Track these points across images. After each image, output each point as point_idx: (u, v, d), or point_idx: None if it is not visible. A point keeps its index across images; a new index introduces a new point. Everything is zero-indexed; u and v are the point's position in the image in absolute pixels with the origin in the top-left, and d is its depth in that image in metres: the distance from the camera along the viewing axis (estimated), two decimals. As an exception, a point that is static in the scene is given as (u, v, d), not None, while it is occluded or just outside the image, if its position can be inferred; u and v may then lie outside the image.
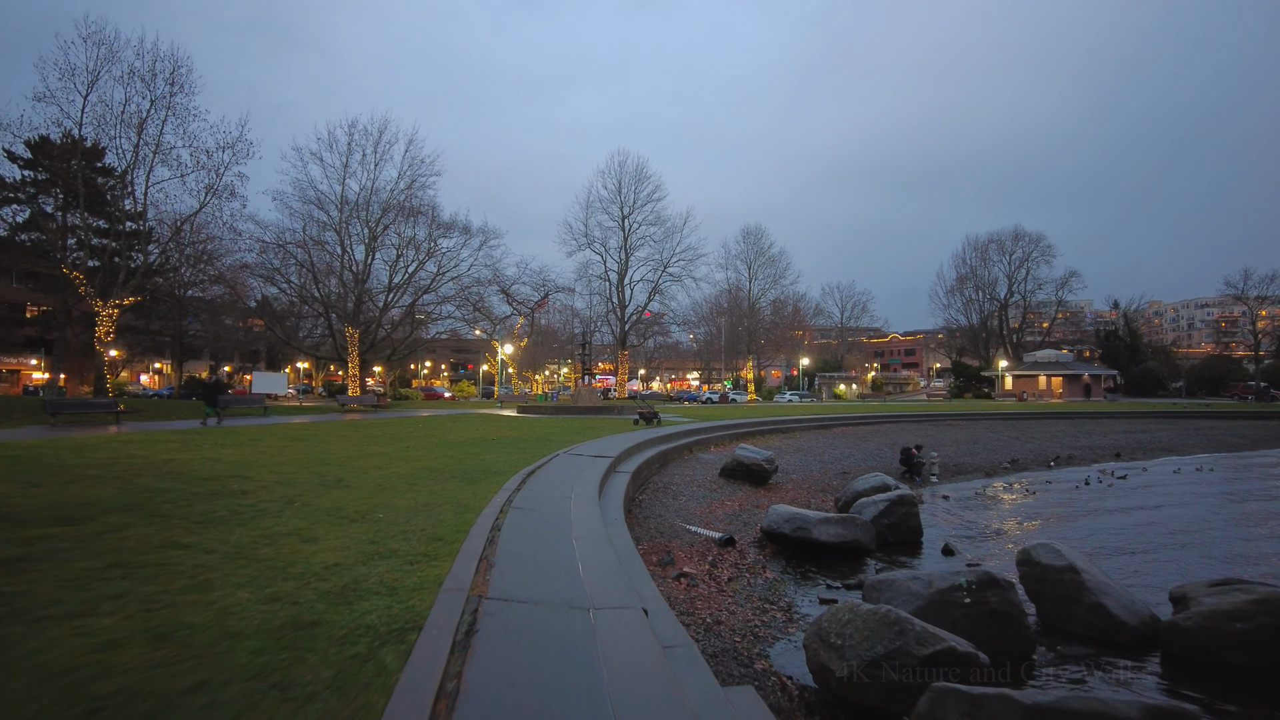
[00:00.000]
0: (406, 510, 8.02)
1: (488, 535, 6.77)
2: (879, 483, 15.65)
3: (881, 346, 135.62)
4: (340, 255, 42.12)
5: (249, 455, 12.99)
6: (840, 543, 12.01)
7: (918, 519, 13.59)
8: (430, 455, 14.17)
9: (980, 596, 7.61)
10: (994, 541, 13.66)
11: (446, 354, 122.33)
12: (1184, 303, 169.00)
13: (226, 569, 5.25)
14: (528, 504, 8.86)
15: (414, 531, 6.90)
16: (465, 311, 49.17)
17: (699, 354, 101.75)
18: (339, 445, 15.70)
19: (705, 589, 9.67)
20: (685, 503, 15.27)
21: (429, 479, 10.69)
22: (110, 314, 24.92)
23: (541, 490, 10.12)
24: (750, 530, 13.62)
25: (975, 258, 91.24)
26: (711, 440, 24.87)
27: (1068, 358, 77.77)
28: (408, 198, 42.93)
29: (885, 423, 38.56)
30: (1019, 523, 15.52)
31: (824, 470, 21.92)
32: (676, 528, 12.86)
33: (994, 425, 39.67)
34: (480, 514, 7.88)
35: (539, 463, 13.33)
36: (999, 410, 49.52)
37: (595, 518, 8.45)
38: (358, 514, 7.69)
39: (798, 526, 12.07)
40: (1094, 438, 35.12)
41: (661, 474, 18.03)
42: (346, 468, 11.71)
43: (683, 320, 78.88)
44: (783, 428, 31.91)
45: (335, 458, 13.09)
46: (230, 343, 68.79)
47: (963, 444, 30.24)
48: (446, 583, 5.05)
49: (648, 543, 11.64)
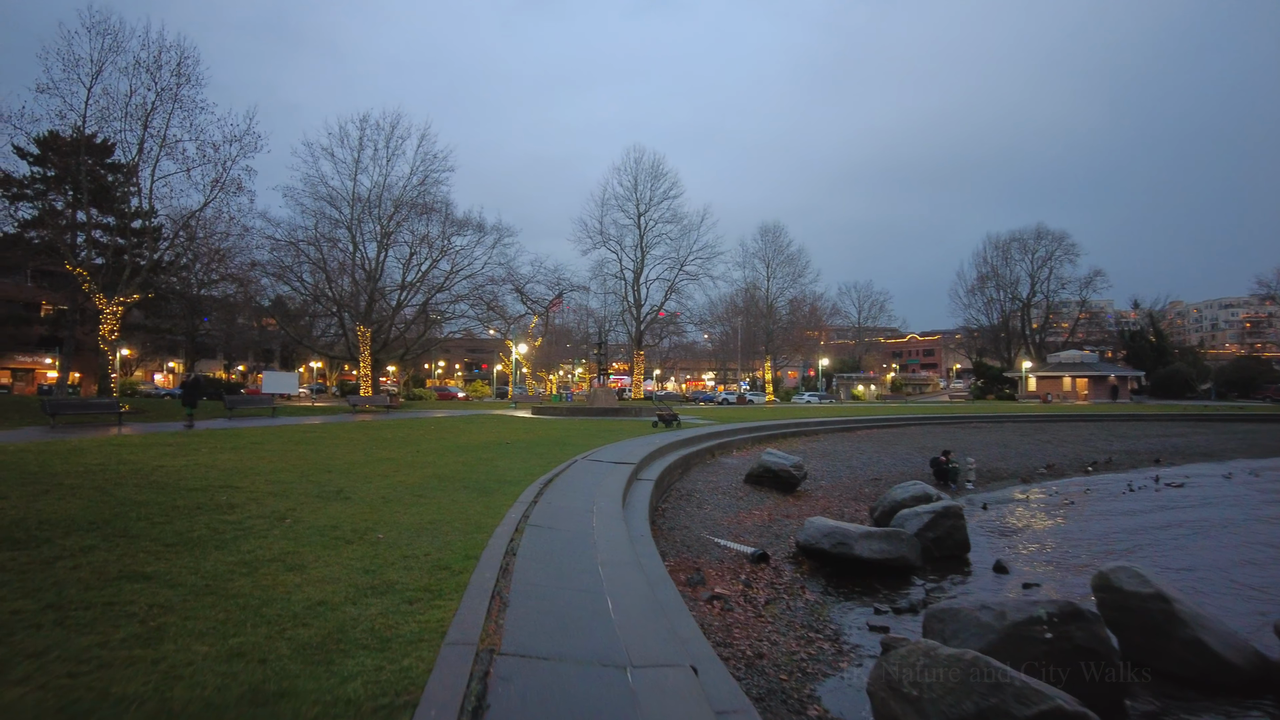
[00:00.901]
0: (410, 529, 7.12)
1: (501, 562, 5.86)
2: (919, 492, 14.63)
3: (899, 347, 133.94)
4: (352, 253, 41.44)
5: (247, 461, 12.16)
6: (884, 560, 11.04)
7: (964, 533, 12.58)
8: (440, 461, 13.29)
9: (1063, 631, 6.63)
10: (1048, 557, 12.62)
11: (461, 354, 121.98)
12: (1208, 303, 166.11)
13: (188, 610, 4.36)
14: (546, 520, 7.95)
15: (417, 557, 5.99)
16: (479, 310, 48.43)
17: (714, 354, 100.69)
18: (345, 449, 14.86)
19: (741, 614, 8.74)
20: (710, 512, 14.34)
21: (438, 490, 9.81)
22: (115, 311, 24.28)
23: (560, 503, 9.21)
24: (783, 544, 12.68)
25: (997, 256, 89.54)
26: (734, 444, 23.91)
27: (1092, 358, 75.93)
28: (420, 194, 42.24)
29: (910, 425, 37.42)
30: (1070, 536, 14.45)
31: (853, 476, 20.91)
32: (704, 541, 11.93)
33: (1022, 428, 38.41)
34: (493, 533, 6.97)
35: (556, 470, 12.42)
36: (1025, 412, 48.16)
37: (621, 536, 7.53)
38: (355, 533, 6.80)
39: (838, 542, 11.10)
40: (1127, 441, 33.84)
41: (684, 480, 17.11)
42: (349, 476, 10.85)
43: (699, 320, 77.78)
44: (805, 430, 30.88)
45: (338, 464, 12.24)
46: (243, 342, 68.46)
47: (993, 448, 29.08)
48: (451, 632, 4.13)
49: (675, 558, 10.73)
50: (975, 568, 11.92)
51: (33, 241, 30.09)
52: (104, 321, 24.10)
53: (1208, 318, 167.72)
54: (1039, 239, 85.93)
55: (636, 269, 68.97)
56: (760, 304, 79.20)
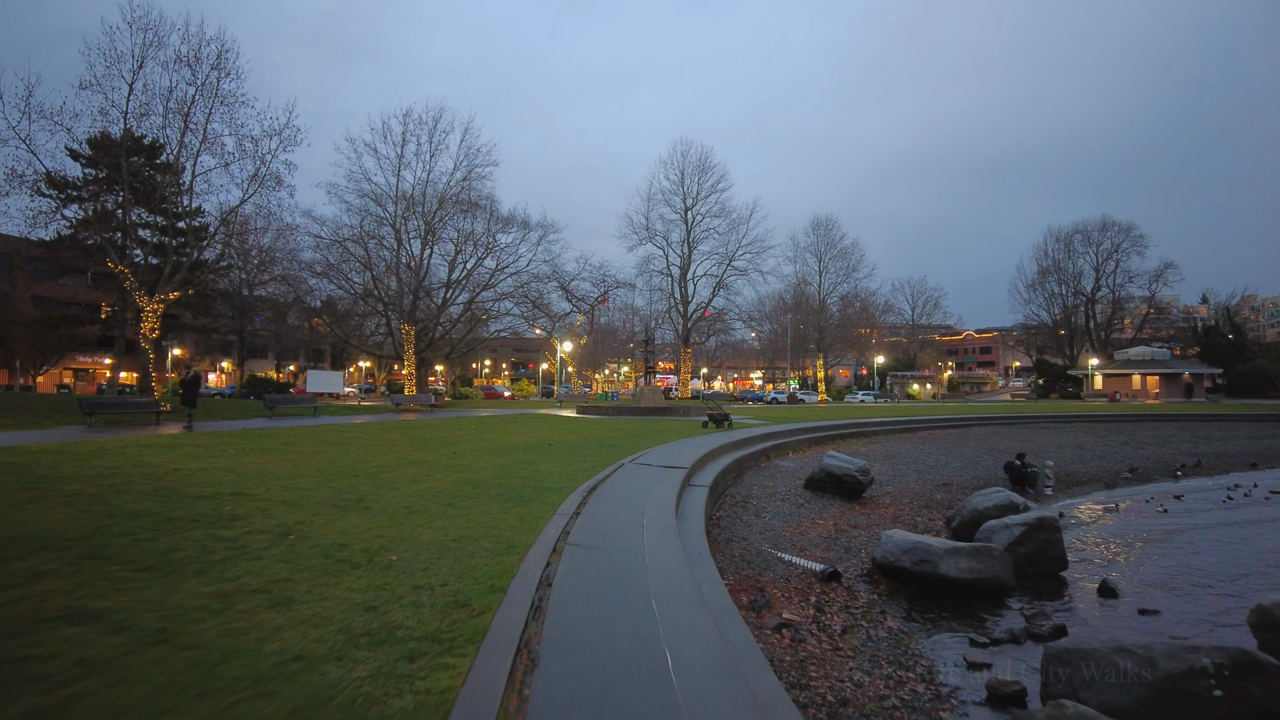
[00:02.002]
0: (431, 548, 6.07)
1: (532, 596, 4.76)
2: (1004, 500, 13.14)
3: (955, 344, 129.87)
4: (396, 250, 40.97)
5: (271, 464, 11.33)
6: (974, 580, 9.67)
7: (1062, 548, 11.09)
8: (478, 464, 12.30)
9: (1237, 688, 5.27)
10: (1156, 577, 11.05)
11: (508, 353, 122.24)
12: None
13: (121, 670, 3.32)
14: (589, 537, 6.82)
15: (432, 588, 4.92)
16: (524, 309, 47.69)
17: (762, 352, 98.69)
18: (378, 451, 14.00)
19: (815, 645, 7.53)
20: (769, 521, 13.09)
21: (469, 498, 8.77)
22: (155, 309, 24.07)
23: (606, 515, 8.09)
24: (853, 559, 11.39)
25: (1059, 249, 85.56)
26: (789, 446, 22.53)
27: (1164, 354, 71.95)
28: (464, 189, 41.62)
29: (973, 425, 35.46)
30: (1175, 552, 12.81)
31: (921, 482, 19.39)
32: (765, 555, 10.71)
33: (1094, 428, 36.08)
34: (526, 555, 5.89)
35: (602, 475, 11.32)
36: (1094, 412, 45.57)
37: (676, 556, 6.36)
38: (365, 554, 5.77)
39: (921, 559, 9.78)
40: (1214, 443, 31.41)
41: (738, 485, 15.86)
42: (375, 481, 9.90)
43: (747, 317, 75.99)
44: (864, 431, 29.28)
45: (367, 468, 11.32)
46: (293, 341, 69.14)
47: (1067, 450, 27.12)
48: (456, 711, 3.02)
49: (735, 576, 9.54)
50: (1075, 588, 10.45)
51: (86, 242, 30.13)
52: (145, 319, 23.89)
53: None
54: (1104, 230, 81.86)
55: (683, 265, 67.61)
56: (811, 300, 77.04)
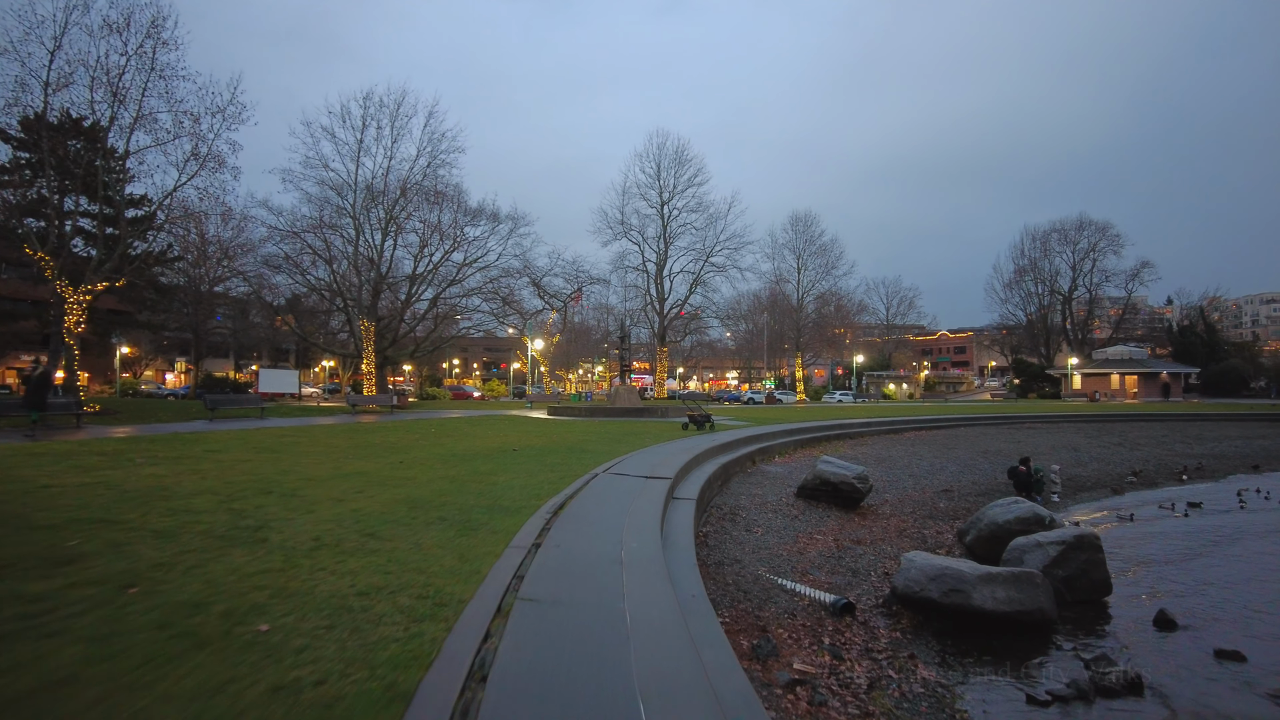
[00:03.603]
0: (324, 609, 4.31)
1: (454, 706, 3.06)
2: (1027, 512, 11.61)
3: (929, 344, 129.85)
4: (355, 240, 38.77)
5: (172, 478, 9.42)
6: (1014, 613, 8.11)
7: (1105, 570, 9.57)
8: (425, 476, 10.47)
9: None
10: (1213, 603, 9.57)
11: (479, 353, 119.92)
12: (1248, 298, 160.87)
13: None
14: (548, 586, 5.07)
15: (300, 689, 3.18)
16: (494, 305, 45.57)
17: (738, 352, 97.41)
18: (312, 460, 12.11)
19: (840, 710, 5.96)
20: (763, 537, 11.50)
21: (402, 523, 6.99)
22: (80, 301, 21.81)
23: (574, 546, 6.36)
24: (863, 583, 9.81)
25: (1035, 248, 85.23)
26: (774, 449, 20.95)
27: (1141, 354, 71.76)
28: (427, 176, 39.49)
29: (960, 426, 34.24)
30: (1219, 568, 11.41)
31: (919, 488, 17.91)
32: (764, 582, 9.09)
33: (1083, 429, 35.06)
34: (458, 618, 4.17)
35: (571, 488, 9.58)
36: (1078, 411, 44.77)
37: (670, 617, 4.66)
38: (224, 622, 4.00)
39: (951, 588, 8.20)
40: (1207, 444, 30.48)
41: (724, 493, 14.25)
42: (291, 501, 8.07)
43: (724, 315, 74.37)
44: (849, 432, 27.86)
45: (288, 482, 9.46)
46: (252, 340, 66.41)
47: (1062, 452, 25.90)
48: None
49: (730, 611, 7.93)
50: (1125, 619, 8.94)
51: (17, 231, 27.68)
52: (70, 312, 21.65)
53: (1248, 313, 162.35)
54: (1081, 229, 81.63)
55: (659, 261, 65.76)
56: (789, 298, 75.71)
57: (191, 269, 48.31)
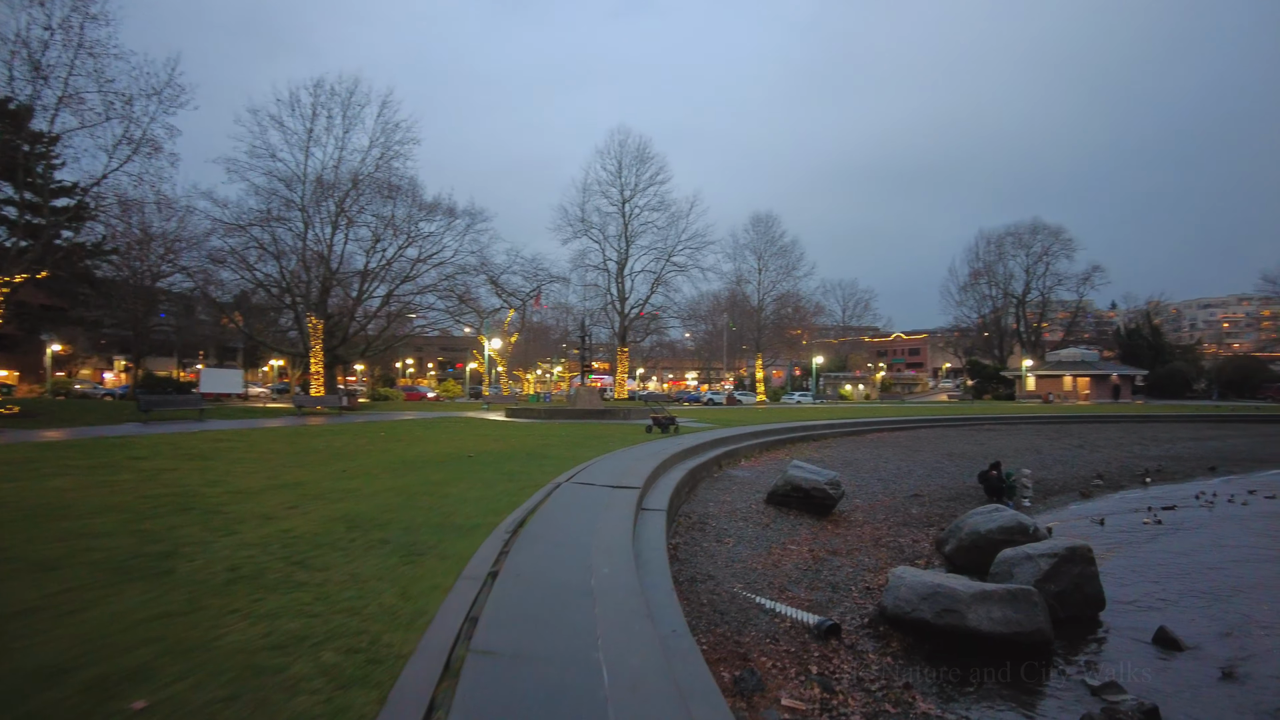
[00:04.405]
0: (227, 668, 3.43)
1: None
2: (1010, 521, 11.13)
3: (884, 346, 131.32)
4: (303, 232, 37.17)
5: (79, 491, 8.33)
6: (1012, 634, 7.54)
7: (1098, 584, 9.10)
8: (370, 487, 9.53)
9: None
10: (1208, 616, 9.15)
11: (434, 352, 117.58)
12: (1186, 303, 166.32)
13: None
14: (507, 633, 4.23)
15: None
16: (449, 303, 44.29)
17: (697, 353, 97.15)
18: (245, 469, 11.02)
19: (838, 758, 5.29)
20: (735, 548, 10.84)
21: (337, 547, 6.09)
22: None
23: (536, 573, 5.55)
24: (845, 600, 9.21)
25: (990, 252, 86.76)
26: (740, 452, 20.34)
27: (1093, 356, 73.28)
28: (380, 168, 38.02)
29: (920, 427, 34.19)
30: (1203, 575, 11.08)
31: (889, 492, 17.46)
32: (741, 602, 8.41)
33: (1042, 430, 35.31)
34: (394, 684, 3.35)
35: (532, 501, 8.76)
36: (1034, 413, 45.27)
37: (653, 664, 3.90)
38: (80, 701, 3.10)
39: (944, 608, 7.61)
40: (1162, 445, 30.82)
41: (692, 501, 13.56)
42: (212, 519, 7.09)
43: (686, 315, 73.88)
44: (813, 434, 27.45)
45: (216, 495, 8.45)
46: (196, 338, 63.71)
47: (1025, 454, 25.83)
48: None
49: (708, 636, 7.22)
50: (1123, 637, 8.45)
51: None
52: (-16, 308, 20.04)
53: (1187, 318, 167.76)
54: (1034, 233, 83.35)
55: (621, 260, 64.97)
56: (749, 299, 75.54)
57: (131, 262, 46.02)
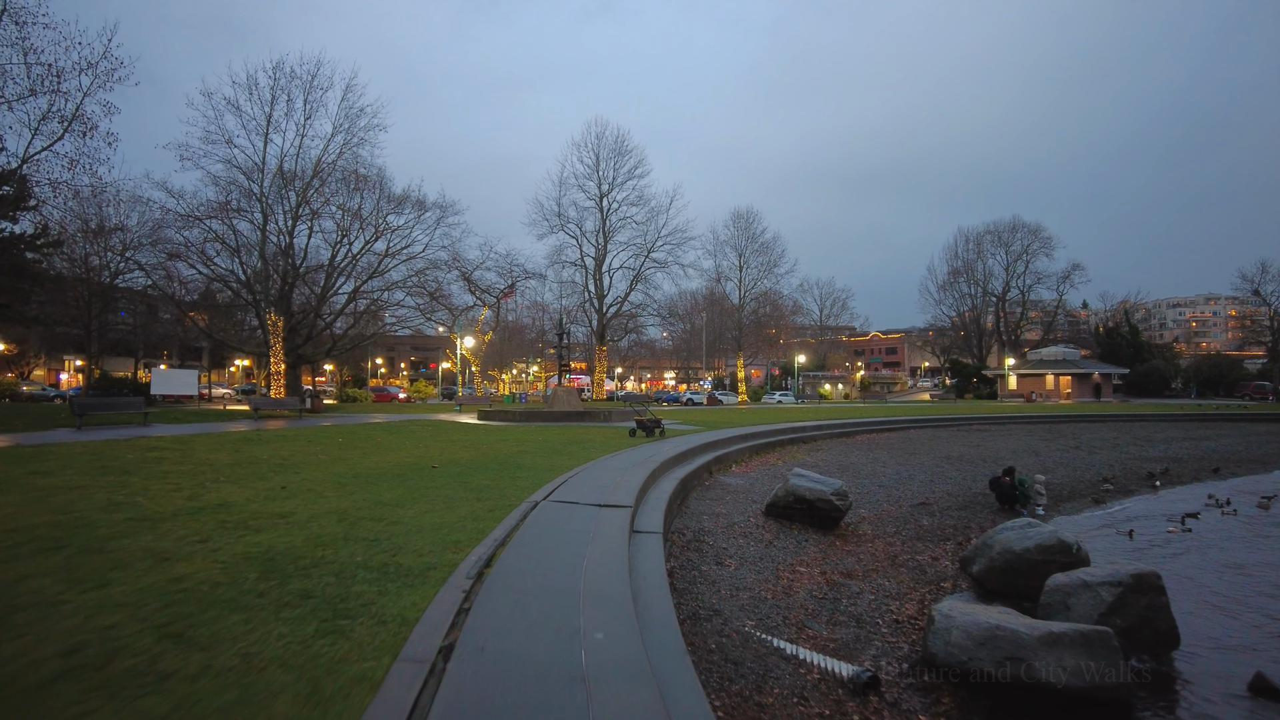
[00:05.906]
0: None
1: None
2: (1049, 539, 9.77)
3: (862, 345, 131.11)
4: (263, 224, 35.15)
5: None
6: (1089, 688, 6.18)
7: (1170, 617, 7.76)
8: (307, 510, 7.94)
9: None
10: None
11: (406, 351, 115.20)
12: (1156, 303, 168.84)
13: None
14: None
15: None
16: (420, 300, 42.42)
17: (675, 352, 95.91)
18: (167, 487, 9.32)
19: None
20: (737, 572, 9.43)
21: (241, 606, 4.56)
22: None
23: (506, 646, 4.05)
24: (873, 636, 7.84)
25: (969, 250, 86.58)
26: (731, 457, 18.96)
27: (1075, 355, 73.09)
28: (344, 156, 36.13)
29: (909, 428, 33.12)
30: (1266, 594, 9.87)
31: (893, 501, 16.15)
32: (755, 644, 6.98)
33: (1034, 430, 34.41)
34: None
35: (504, 527, 7.25)
36: (1023, 413, 44.54)
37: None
38: None
39: (1007, 656, 6.25)
40: (1157, 446, 29.98)
41: (684, 514, 12.14)
42: (90, 561, 5.49)
43: (667, 313, 72.37)
44: (802, 436, 26.19)
45: (109, 524, 6.82)
46: (159, 337, 61.27)
47: (1024, 456, 24.74)
48: None
49: (722, 697, 5.75)
50: (1209, 684, 7.10)
51: None
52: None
53: (1156, 317, 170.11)
54: (1014, 231, 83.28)
55: (598, 256, 63.25)
56: (729, 297, 74.34)
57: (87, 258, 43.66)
